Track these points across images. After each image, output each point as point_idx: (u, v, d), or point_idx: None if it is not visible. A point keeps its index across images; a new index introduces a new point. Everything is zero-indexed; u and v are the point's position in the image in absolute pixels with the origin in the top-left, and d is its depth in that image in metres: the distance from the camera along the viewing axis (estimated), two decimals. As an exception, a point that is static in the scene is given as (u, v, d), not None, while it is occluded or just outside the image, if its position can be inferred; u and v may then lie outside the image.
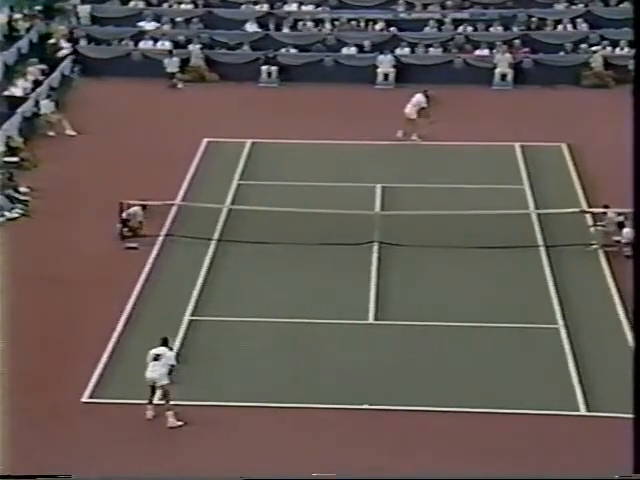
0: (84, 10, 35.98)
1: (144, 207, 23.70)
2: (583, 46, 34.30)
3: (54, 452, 16.44)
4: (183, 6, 36.36)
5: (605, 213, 23.26)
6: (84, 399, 17.94)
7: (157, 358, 17.27)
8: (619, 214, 22.91)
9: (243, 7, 36.11)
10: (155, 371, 17.20)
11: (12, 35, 34.40)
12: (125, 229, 23.50)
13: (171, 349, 17.63)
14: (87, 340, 19.59)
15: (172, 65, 34.07)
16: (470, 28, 35.15)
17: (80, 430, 17.11)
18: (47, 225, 24.01)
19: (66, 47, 34.62)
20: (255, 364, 18.95)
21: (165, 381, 17.19)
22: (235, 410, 17.64)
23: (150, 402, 17.32)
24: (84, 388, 18.12)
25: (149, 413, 17.28)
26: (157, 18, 35.92)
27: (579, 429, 17.22)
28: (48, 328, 19.98)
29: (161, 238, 23.48)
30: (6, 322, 19.09)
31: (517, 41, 34.50)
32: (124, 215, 23.51)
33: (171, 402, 17.15)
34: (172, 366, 17.32)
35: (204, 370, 18.83)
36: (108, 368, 18.73)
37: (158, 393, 17.28)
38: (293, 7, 36.10)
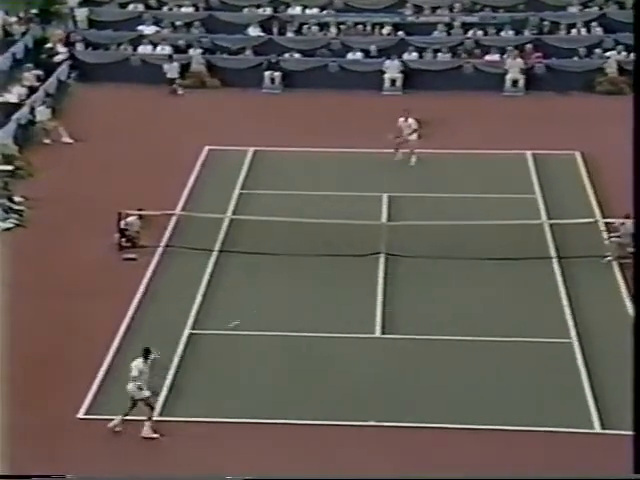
0: (81, 13, 36.07)
1: (140, 217, 23.76)
2: (597, 51, 34.32)
3: (49, 468, 16.40)
4: (183, 9, 36.45)
5: (623, 223, 23.24)
6: (80, 415, 17.98)
7: (139, 375, 17.34)
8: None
9: (245, 10, 36.20)
10: (137, 387, 17.28)
11: (7, 39, 34.51)
12: (123, 239, 23.56)
13: (152, 360, 17.54)
14: (84, 354, 19.62)
15: (172, 70, 34.15)
16: (480, 32, 35.20)
17: (76, 447, 17.12)
18: (43, 235, 24.06)
19: (62, 52, 34.71)
20: (257, 379, 18.97)
21: (147, 393, 17.28)
22: (236, 427, 17.66)
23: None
24: (81, 403, 18.17)
25: (117, 424, 17.36)
26: (157, 22, 36.00)
27: (594, 447, 17.21)
28: (44, 341, 20.01)
29: (160, 249, 23.54)
30: (1, 335, 19.11)
31: (529, 46, 34.52)
32: (121, 225, 23.56)
33: (154, 413, 17.29)
34: (144, 377, 17.33)
35: (204, 385, 18.86)
36: (105, 383, 18.77)
37: (143, 406, 17.32)
38: (297, 11, 36.19)
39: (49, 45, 34.93)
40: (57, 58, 34.41)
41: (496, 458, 16.94)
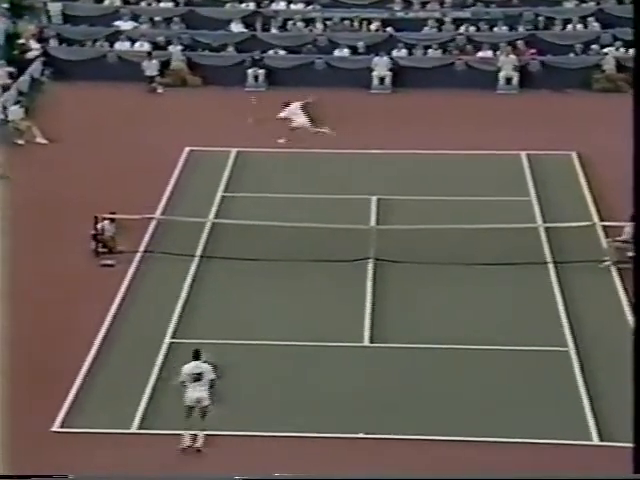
0: (55, 8, 36.06)
1: (113, 220, 23.70)
2: (594, 47, 34.48)
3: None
4: (163, 4, 36.48)
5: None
6: (55, 428, 17.94)
7: (199, 378, 17.23)
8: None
9: (228, 6, 36.24)
10: (201, 391, 17.20)
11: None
12: (100, 245, 23.53)
13: (205, 362, 17.46)
14: (59, 364, 19.59)
15: (151, 68, 34.16)
16: (472, 28, 35.31)
17: (50, 462, 17.04)
18: (16, 241, 23.98)
19: (36, 48, 34.69)
20: (240, 390, 18.94)
21: (208, 401, 17.25)
22: (219, 439, 17.62)
23: (188, 428, 17.28)
24: (55, 416, 18.12)
25: (187, 440, 17.23)
26: (135, 17, 36.03)
27: (592, 460, 17.25)
28: (17, 352, 19.92)
29: (139, 254, 23.51)
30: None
31: (522, 42, 34.66)
32: (94, 230, 23.51)
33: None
34: (212, 380, 17.30)
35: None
36: (81, 395, 18.73)
37: (197, 414, 17.23)
38: (282, 6, 36.24)
39: (21, 41, 34.89)
40: (30, 54, 34.39)
41: (489, 470, 16.93)
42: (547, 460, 17.21)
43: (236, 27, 35.56)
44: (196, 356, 17.44)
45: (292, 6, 36.29)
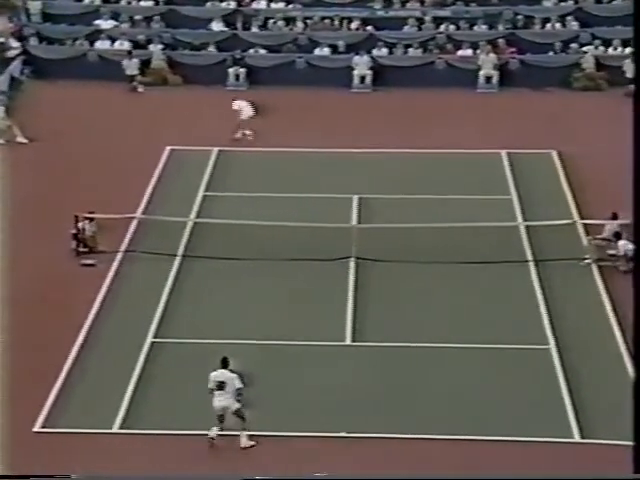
0: (35, 6, 35.92)
1: (91, 220, 23.63)
2: (573, 46, 34.56)
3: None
4: (143, 3, 36.39)
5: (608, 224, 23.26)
6: (36, 428, 17.89)
7: (222, 386, 17.35)
8: (621, 225, 22.88)
9: (208, 4, 36.19)
10: (225, 399, 17.33)
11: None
12: (80, 244, 23.47)
13: (232, 371, 17.55)
14: (40, 364, 19.54)
15: (131, 67, 34.07)
16: (452, 27, 35.36)
17: (32, 462, 17.00)
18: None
19: (15, 47, 34.56)
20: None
21: (237, 405, 17.36)
22: (203, 440, 17.61)
23: (221, 429, 17.39)
24: (36, 416, 18.07)
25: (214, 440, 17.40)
26: (115, 16, 35.91)
27: (573, 457, 17.31)
28: (-2, 352, 19.93)
29: (120, 254, 23.47)
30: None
31: (502, 40, 34.74)
32: (73, 229, 23.44)
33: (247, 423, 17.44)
34: (239, 389, 17.41)
35: (168, 396, 18.82)
36: (63, 395, 18.69)
37: (231, 418, 17.33)
38: (262, 5, 36.21)
39: (1, 39, 34.75)
40: (10, 53, 34.25)
41: (471, 469, 17.00)
42: (528, 457, 17.25)
43: (217, 26, 35.52)
44: (223, 364, 17.55)
45: (273, 5, 36.25)
